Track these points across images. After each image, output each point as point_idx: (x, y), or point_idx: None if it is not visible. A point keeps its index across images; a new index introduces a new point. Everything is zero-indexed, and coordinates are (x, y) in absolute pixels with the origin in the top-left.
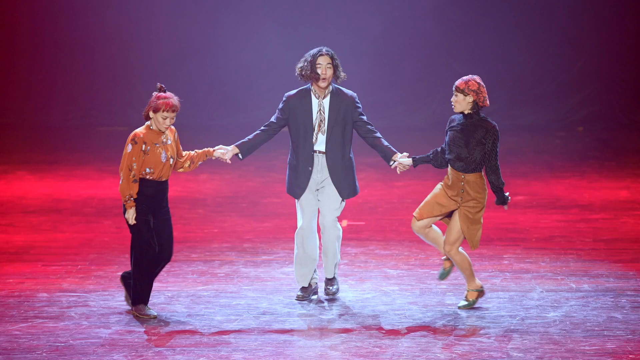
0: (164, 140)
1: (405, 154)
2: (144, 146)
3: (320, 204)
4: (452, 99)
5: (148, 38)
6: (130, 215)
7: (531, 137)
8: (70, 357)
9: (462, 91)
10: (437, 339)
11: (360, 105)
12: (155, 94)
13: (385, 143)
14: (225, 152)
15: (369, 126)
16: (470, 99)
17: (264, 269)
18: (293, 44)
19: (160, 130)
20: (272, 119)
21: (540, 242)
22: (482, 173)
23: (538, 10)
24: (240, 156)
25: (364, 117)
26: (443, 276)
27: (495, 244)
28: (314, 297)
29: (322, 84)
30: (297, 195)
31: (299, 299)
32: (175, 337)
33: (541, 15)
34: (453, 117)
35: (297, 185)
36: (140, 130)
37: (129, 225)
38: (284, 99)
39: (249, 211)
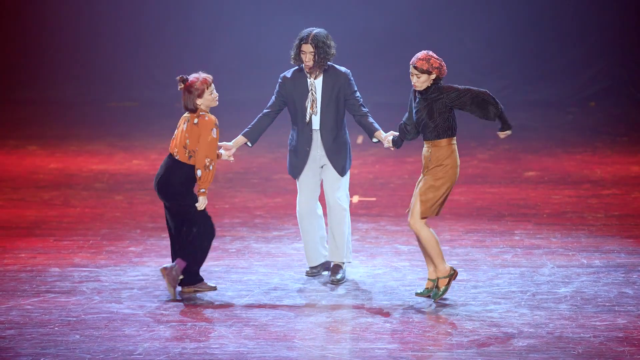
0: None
1: (391, 132)
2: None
3: (323, 184)
4: (413, 80)
5: (160, 14)
6: (204, 203)
7: (542, 112)
8: (82, 331)
9: (426, 71)
10: (448, 315)
11: (353, 83)
12: (182, 86)
13: (371, 120)
14: (228, 152)
15: (360, 105)
16: (433, 76)
17: (275, 245)
18: (299, 18)
19: (211, 107)
20: (271, 101)
21: (552, 217)
22: (453, 140)
23: None
24: (249, 144)
25: (357, 95)
26: (422, 294)
27: (507, 219)
28: (325, 272)
29: (306, 69)
30: (296, 176)
31: (308, 274)
32: (187, 312)
33: None
34: (412, 94)
35: (296, 165)
36: (211, 115)
37: (193, 211)
38: (279, 80)
39: (260, 187)
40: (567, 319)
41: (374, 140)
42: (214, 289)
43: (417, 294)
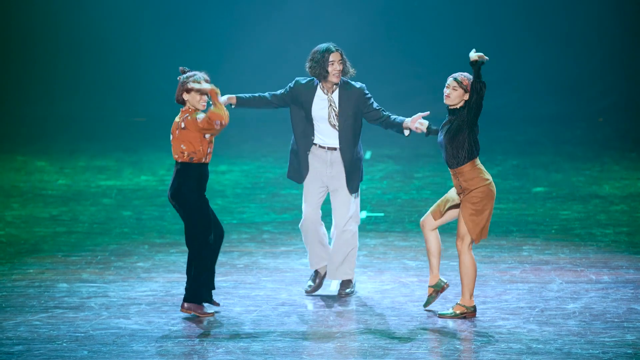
0: None
1: (418, 114)
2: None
3: (334, 205)
4: (447, 92)
5: (169, 29)
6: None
7: (551, 127)
8: (90, 347)
9: (464, 88)
10: (456, 331)
11: (369, 95)
12: (180, 77)
13: (394, 117)
14: (201, 84)
15: (380, 111)
16: (466, 96)
17: (283, 260)
18: (312, 32)
19: (198, 109)
20: (278, 92)
21: (560, 233)
22: (476, 161)
23: (558, 0)
24: (232, 106)
25: (374, 105)
26: (427, 304)
27: (515, 235)
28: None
29: (335, 80)
30: (299, 180)
31: (308, 292)
32: (195, 328)
33: (561, 6)
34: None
35: (297, 169)
36: (193, 114)
37: (191, 216)
38: (294, 81)
39: (267, 202)
40: (576, 335)
41: (406, 133)
42: (212, 314)
43: (425, 308)
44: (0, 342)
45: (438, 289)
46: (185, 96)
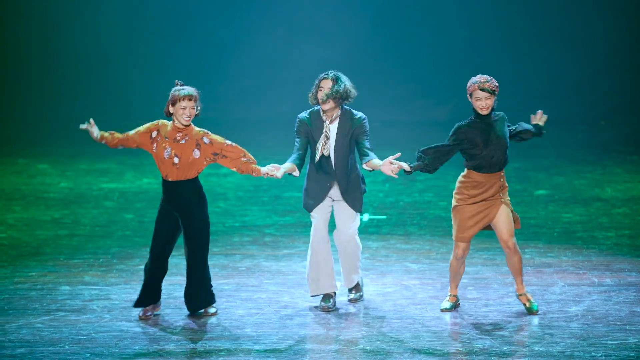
0: (178, 138)
1: (390, 157)
2: (155, 133)
3: (338, 219)
4: (483, 104)
5: (167, 34)
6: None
7: (553, 131)
8: (93, 349)
9: (495, 93)
10: (459, 333)
11: (367, 130)
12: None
13: (371, 158)
14: (276, 169)
15: (369, 151)
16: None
17: (285, 263)
18: (315, 36)
19: (181, 124)
20: (296, 146)
21: (562, 236)
22: None
23: (560, 3)
24: (296, 173)
25: (367, 143)
26: (451, 310)
27: (517, 238)
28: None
29: (324, 107)
30: (310, 209)
31: (324, 309)
32: (197, 331)
33: (563, 8)
34: (463, 127)
35: (313, 198)
36: (164, 120)
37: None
38: (297, 121)
39: (270, 205)
40: (578, 338)
41: (364, 165)
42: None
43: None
44: (3, 345)
45: (458, 301)
46: (171, 109)
